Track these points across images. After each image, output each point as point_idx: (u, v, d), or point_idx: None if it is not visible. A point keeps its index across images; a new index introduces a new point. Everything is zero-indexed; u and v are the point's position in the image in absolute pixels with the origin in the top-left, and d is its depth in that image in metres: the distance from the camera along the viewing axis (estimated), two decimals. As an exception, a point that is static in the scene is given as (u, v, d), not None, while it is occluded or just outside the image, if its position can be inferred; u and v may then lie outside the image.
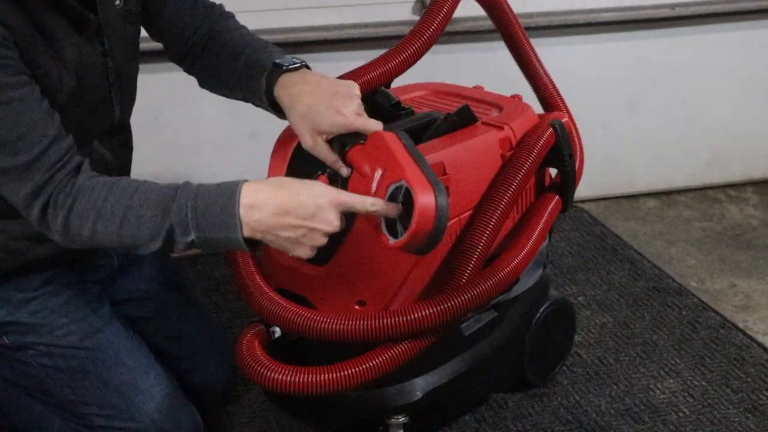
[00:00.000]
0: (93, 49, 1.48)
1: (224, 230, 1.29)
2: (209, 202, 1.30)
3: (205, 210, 1.29)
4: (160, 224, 1.30)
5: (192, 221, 1.29)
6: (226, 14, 1.70)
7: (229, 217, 1.29)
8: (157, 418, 1.61)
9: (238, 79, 1.59)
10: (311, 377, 1.51)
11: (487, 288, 1.57)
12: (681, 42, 2.82)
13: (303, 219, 1.30)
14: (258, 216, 1.29)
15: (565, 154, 1.74)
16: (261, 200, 1.29)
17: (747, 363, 2.09)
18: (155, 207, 1.30)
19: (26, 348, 1.58)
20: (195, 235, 1.30)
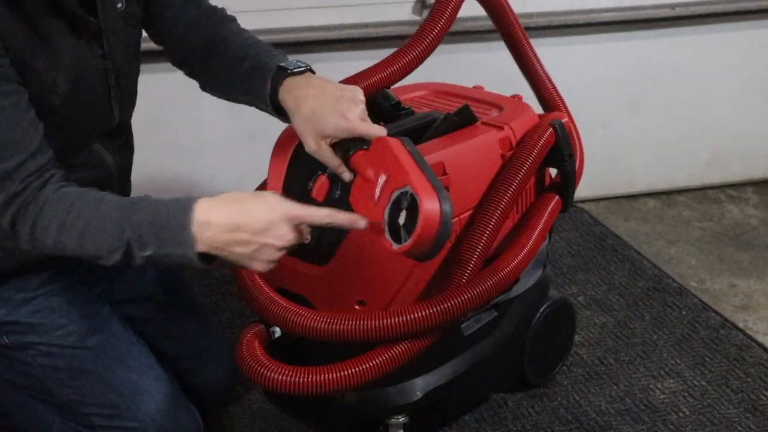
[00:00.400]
0: (92, 52, 1.47)
1: (178, 246, 1.30)
2: (165, 218, 1.31)
3: (160, 226, 1.31)
4: (119, 238, 1.32)
5: (148, 236, 1.31)
6: (228, 18, 1.70)
7: (183, 234, 1.29)
8: (157, 418, 1.61)
9: (242, 82, 1.58)
10: (311, 377, 1.51)
11: (487, 288, 1.57)
12: (681, 42, 2.82)
13: (254, 234, 1.30)
14: (210, 233, 1.30)
15: (565, 154, 1.74)
16: (213, 217, 1.30)
17: (747, 363, 2.09)
18: (115, 221, 1.32)
19: (26, 348, 1.58)
20: (152, 251, 1.31)
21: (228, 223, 1.30)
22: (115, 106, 1.55)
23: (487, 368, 1.80)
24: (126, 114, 1.62)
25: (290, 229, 1.32)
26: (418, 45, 1.73)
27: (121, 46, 1.54)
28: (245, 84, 1.57)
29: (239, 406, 1.97)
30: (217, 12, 1.69)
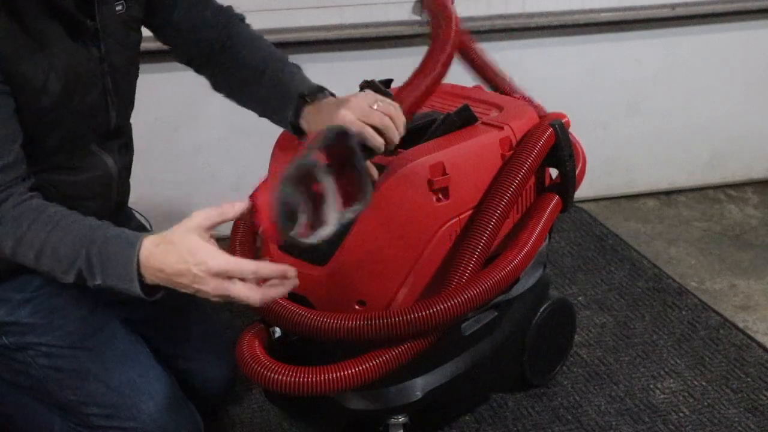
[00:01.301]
0: (88, 55, 1.47)
1: (125, 282, 1.32)
2: (112, 253, 1.33)
3: (109, 259, 1.33)
4: (71, 264, 1.34)
5: (97, 268, 1.33)
6: (237, 17, 1.71)
7: (129, 272, 1.31)
8: (157, 418, 1.61)
9: (261, 99, 1.63)
10: (311, 377, 1.51)
11: (487, 288, 1.57)
12: (681, 42, 2.82)
13: (189, 282, 1.29)
14: (152, 275, 1.31)
15: (565, 154, 1.74)
16: (154, 263, 1.31)
17: (747, 363, 2.09)
18: (69, 247, 1.34)
19: (26, 348, 1.58)
20: (100, 280, 1.34)
21: (167, 271, 1.30)
22: (112, 108, 1.55)
23: (487, 368, 1.80)
24: (123, 116, 1.62)
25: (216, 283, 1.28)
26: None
27: (119, 48, 1.53)
28: (264, 104, 1.63)
29: (239, 406, 1.97)
30: (226, 11, 1.70)
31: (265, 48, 1.68)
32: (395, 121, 1.46)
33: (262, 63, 1.64)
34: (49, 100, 1.41)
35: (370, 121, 1.44)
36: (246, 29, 1.70)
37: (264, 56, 1.65)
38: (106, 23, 1.49)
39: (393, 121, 1.45)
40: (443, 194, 1.60)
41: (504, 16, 2.65)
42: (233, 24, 1.69)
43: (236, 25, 1.69)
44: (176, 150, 2.59)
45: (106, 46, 1.50)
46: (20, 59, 1.36)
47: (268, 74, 1.61)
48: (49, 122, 1.44)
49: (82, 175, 1.55)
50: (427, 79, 1.62)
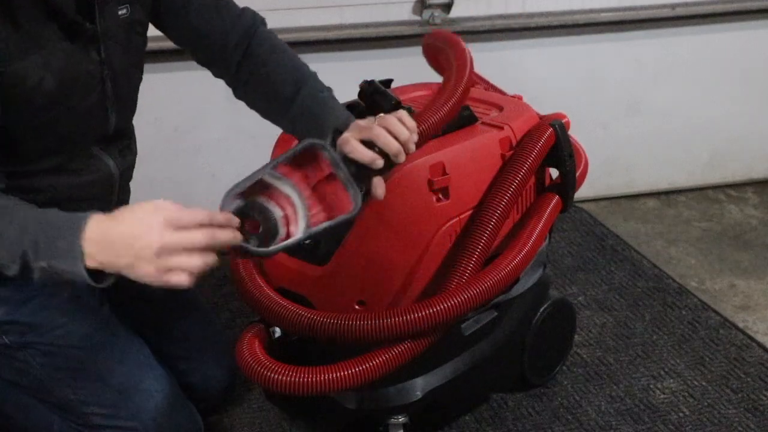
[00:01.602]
0: (87, 57, 1.46)
1: (69, 261, 1.25)
2: (58, 230, 1.27)
3: (54, 236, 1.27)
4: (16, 247, 1.27)
5: (42, 247, 1.26)
6: (258, 21, 1.68)
7: (72, 247, 1.25)
8: (157, 418, 1.61)
9: (289, 120, 1.60)
10: (311, 377, 1.51)
11: (487, 288, 1.57)
12: (681, 42, 2.82)
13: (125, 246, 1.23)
14: (95, 249, 1.25)
15: (565, 154, 1.74)
16: (97, 234, 1.25)
17: (747, 363, 2.09)
18: (16, 230, 1.28)
19: (26, 348, 1.57)
20: (45, 263, 1.26)
21: (108, 232, 1.24)
22: (111, 112, 1.54)
23: (488, 368, 1.80)
24: (124, 120, 1.61)
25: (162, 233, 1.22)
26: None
27: (121, 52, 1.53)
28: (293, 126, 1.60)
29: (239, 406, 1.97)
30: (244, 17, 1.66)
31: (290, 62, 1.64)
32: (398, 136, 1.40)
33: (291, 84, 1.59)
34: (43, 99, 1.41)
35: (361, 136, 1.40)
36: (268, 37, 1.67)
37: (292, 75, 1.61)
38: (108, 26, 1.48)
39: (397, 137, 1.40)
40: (443, 194, 1.60)
41: (504, 16, 2.65)
42: (254, 30, 1.65)
43: (257, 32, 1.66)
44: (176, 150, 2.59)
45: (107, 50, 1.49)
46: (12, 57, 1.36)
47: (298, 101, 1.58)
48: (46, 122, 1.44)
49: (82, 178, 1.54)
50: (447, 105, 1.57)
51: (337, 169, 1.33)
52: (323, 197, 1.34)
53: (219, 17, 1.63)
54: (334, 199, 1.34)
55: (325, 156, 1.34)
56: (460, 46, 1.74)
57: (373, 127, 1.40)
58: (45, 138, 1.47)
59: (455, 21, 2.61)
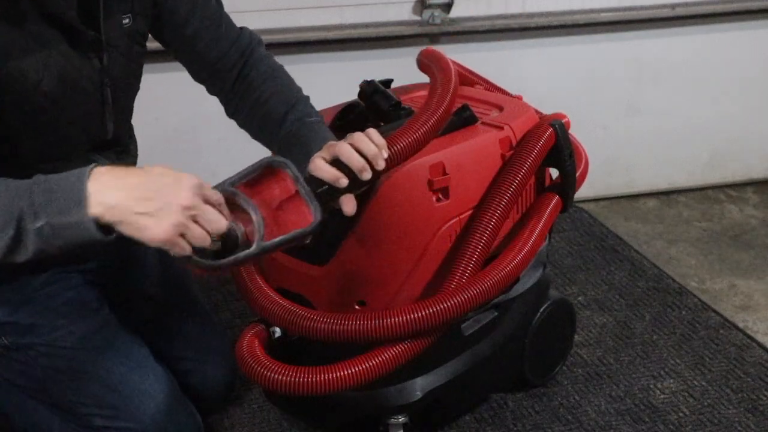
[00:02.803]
0: (88, 65, 1.46)
1: (72, 211, 1.18)
2: (60, 182, 1.21)
3: (55, 189, 1.20)
4: (11, 210, 1.20)
5: (40, 204, 1.19)
6: (255, 41, 1.69)
7: (77, 193, 1.18)
8: (157, 419, 1.61)
9: (278, 143, 1.60)
10: (311, 377, 1.51)
11: (487, 288, 1.57)
12: (681, 42, 2.82)
13: (151, 191, 1.21)
14: (106, 190, 1.19)
15: (565, 154, 1.74)
16: (111, 177, 1.21)
17: (747, 363, 2.09)
18: (7, 195, 1.22)
19: (26, 349, 1.57)
20: (44, 220, 1.19)
21: (127, 182, 1.20)
22: (109, 120, 1.54)
23: (487, 368, 1.80)
24: (120, 128, 1.61)
25: (192, 193, 1.22)
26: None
27: (122, 61, 1.53)
28: (281, 148, 1.59)
29: (239, 406, 1.97)
30: (242, 36, 1.67)
31: (284, 86, 1.65)
32: (365, 153, 1.38)
33: (282, 107, 1.60)
34: (42, 100, 1.41)
35: (327, 153, 1.39)
36: (264, 58, 1.68)
37: (284, 98, 1.62)
38: (111, 35, 1.48)
39: (364, 154, 1.37)
40: (443, 194, 1.60)
41: (504, 16, 2.65)
42: (251, 51, 1.67)
43: (254, 53, 1.67)
44: (176, 150, 2.59)
45: (109, 58, 1.49)
46: (12, 54, 1.36)
47: (287, 124, 1.58)
48: (45, 126, 1.44)
49: None
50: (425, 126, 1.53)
51: (298, 185, 1.33)
52: (288, 214, 1.34)
53: (218, 36, 1.64)
54: (297, 214, 1.33)
55: (288, 173, 1.34)
56: (444, 64, 1.72)
57: (339, 143, 1.39)
58: (43, 143, 1.47)
59: (455, 21, 2.61)
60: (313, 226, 1.31)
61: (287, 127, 1.59)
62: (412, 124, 1.51)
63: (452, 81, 1.62)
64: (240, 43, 1.67)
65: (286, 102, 1.62)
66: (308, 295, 1.65)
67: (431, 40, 2.63)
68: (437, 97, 1.58)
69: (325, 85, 2.52)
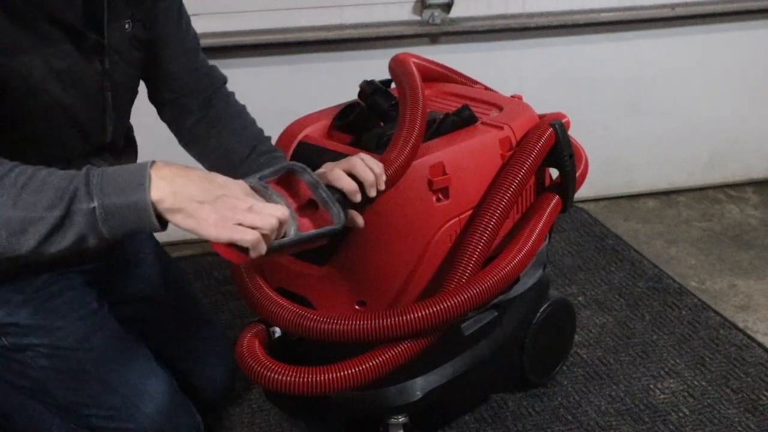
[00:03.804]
0: (90, 66, 1.46)
1: (131, 192, 1.17)
2: (120, 169, 1.21)
3: (113, 174, 1.20)
4: (65, 188, 1.18)
5: (97, 185, 1.18)
6: (221, 79, 1.72)
7: (139, 176, 1.18)
8: (156, 419, 1.61)
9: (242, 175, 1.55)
10: (311, 377, 1.51)
11: (487, 288, 1.57)
12: (681, 42, 2.82)
13: (211, 183, 1.22)
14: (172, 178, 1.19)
15: (565, 154, 1.74)
16: (175, 168, 1.22)
17: (747, 363, 2.09)
18: (62, 175, 1.21)
19: (25, 349, 1.57)
20: (98, 201, 1.17)
21: (187, 172, 1.21)
22: (109, 124, 1.55)
23: (488, 368, 1.80)
24: (119, 131, 1.61)
25: (246, 195, 1.23)
26: None
27: (124, 66, 1.53)
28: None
29: (239, 406, 1.97)
30: (213, 71, 1.71)
31: (249, 124, 1.69)
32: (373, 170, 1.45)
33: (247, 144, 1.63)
34: (46, 99, 1.41)
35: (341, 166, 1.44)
36: (230, 96, 1.72)
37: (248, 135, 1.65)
38: (113, 40, 1.49)
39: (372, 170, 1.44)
40: (443, 194, 1.60)
41: (504, 16, 2.65)
42: (218, 86, 1.70)
43: (221, 89, 1.71)
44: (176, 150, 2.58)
45: (110, 62, 1.49)
46: (18, 50, 1.36)
47: (252, 158, 1.60)
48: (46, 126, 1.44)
49: None
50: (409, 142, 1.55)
51: (317, 190, 1.34)
52: (309, 215, 1.35)
53: (194, 62, 1.67)
54: (317, 216, 1.35)
55: (305, 179, 1.34)
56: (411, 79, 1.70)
57: (351, 158, 1.44)
58: (43, 144, 1.47)
59: (455, 21, 2.61)
60: (341, 224, 1.33)
61: (252, 161, 1.60)
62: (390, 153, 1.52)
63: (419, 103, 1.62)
64: (211, 74, 1.71)
65: (251, 138, 1.64)
66: (308, 295, 1.65)
67: (431, 40, 2.63)
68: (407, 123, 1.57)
69: (325, 85, 2.53)
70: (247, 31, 2.44)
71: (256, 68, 2.50)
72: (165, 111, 1.72)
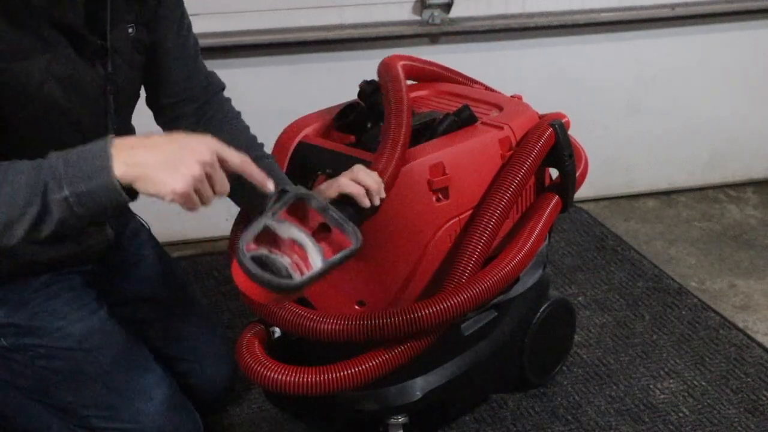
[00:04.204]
0: (92, 70, 1.46)
1: (97, 176, 1.21)
2: (81, 152, 1.24)
3: (77, 159, 1.23)
4: (35, 185, 1.22)
5: (64, 174, 1.22)
6: (219, 85, 1.72)
7: (102, 159, 1.22)
8: (156, 419, 1.61)
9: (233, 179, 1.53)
10: (311, 377, 1.51)
11: (486, 288, 1.57)
12: (681, 42, 2.82)
13: (172, 148, 1.24)
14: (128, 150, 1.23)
15: (565, 154, 1.74)
16: (133, 139, 1.25)
17: (747, 363, 2.09)
18: (29, 172, 1.24)
19: (25, 350, 1.57)
20: (68, 190, 1.21)
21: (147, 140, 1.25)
22: (111, 128, 1.54)
23: (487, 368, 1.80)
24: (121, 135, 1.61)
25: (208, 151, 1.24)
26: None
27: (126, 69, 1.53)
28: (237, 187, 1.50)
29: (239, 406, 1.97)
30: (210, 76, 1.71)
31: (242, 130, 1.68)
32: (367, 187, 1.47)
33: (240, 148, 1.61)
34: (45, 103, 1.41)
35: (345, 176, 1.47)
36: (226, 102, 1.71)
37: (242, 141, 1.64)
38: (116, 44, 1.49)
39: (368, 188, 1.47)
40: (443, 194, 1.60)
41: (504, 16, 2.65)
42: (215, 92, 1.70)
43: (217, 95, 1.70)
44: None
45: (113, 65, 1.49)
46: (17, 54, 1.35)
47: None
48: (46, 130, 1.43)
49: None
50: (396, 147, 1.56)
51: (327, 213, 1.33)
52: (329, 237, 1.35)
53: (193, 67, 1.67)
54: (333, 240, 1.34)
55: (313, 204, 1.34)
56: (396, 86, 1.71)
57: (353, 168, 1.47)
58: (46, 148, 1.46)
59: (455, 21, 2.62)
60: (359, 243, 1.32)
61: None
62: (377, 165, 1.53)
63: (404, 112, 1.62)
64: (209, 80, 1.70)
65: (244, 144, 1.62)
66: (308, 295, 1.65)
67: (431, 40, 2.64)
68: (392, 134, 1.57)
69: (325, 85, 2.53)
70: (247, 31, 2.44)
71: (256, 68, 2.50)
72: (161, 115, 1.71)
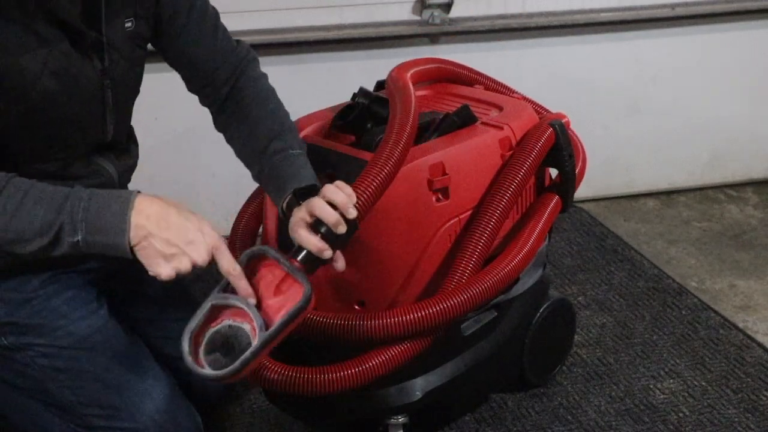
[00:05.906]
0: (89, 64, 1.46)
1: (112, 235, 1.31)
2: (102, 206, 1.32)
3: (97, 210, 1.31)
4: (51, 222, 1.31)
5: (81, 222, 1.31)
6: (250, 58, 1.70)
7: (120, 222, 1.31)
8: (156, 419, 1.61)
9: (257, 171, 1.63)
10: (311, 377, 1.51)
11: (486, 288, 1.57)
12: (681, 42, 2.82)
13: (180, 240, 1.32)
14: (144, 222, 1.31)
15: (565, 154, 1.74)
16: (152, 211, 1.32)
17: (747, 363, 2.09)
18: (48, 206, 1.32)
19: (25, 349, 1.57)
20: (81, 236, 1.31)
21: (163, 219, 1.32)
22: (110, 122, 1.54)
23: (487, 368, 1.80)
24: (120, 130, 1.61)
25: (207, 254, 1.34)
26: None
27: (124, 64, 1.53)
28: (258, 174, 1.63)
29: (239, 406, 1.97)
30: (238, 51, 1.68)
31: (272, 111, 1.66)
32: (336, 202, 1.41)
33: (266, 134, 1.62)
34: (41, 97, 1.41)
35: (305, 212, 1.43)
36: (257, 80, 1.69)
37: (270, 125, 1.63)
38: (113, 38, 1.48)
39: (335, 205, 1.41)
40: (443, 194, 1.60)
41: (504, 16, 2.65)
42: (244, 67, 1.68)
43: (247, 71, 1.68)
44: (176, 150, 2.59)
45: (110, 60, 1.49)
46: (11, 49, 1.35)
47: (268, 153, 1.59)
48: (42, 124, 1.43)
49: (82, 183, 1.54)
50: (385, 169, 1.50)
51: (281, 263, 1.36)
52: (285, 293, 1.36)
53: (213, 48, 1.65)
54: (291, 290, 1.36)
55: (271, 255, 1.36)
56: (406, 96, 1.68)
57: (312, 200, 1.42)
58: (40, 142, 1.46)
59: (455, 21, 2.62)
60: (307, 295, 1.34)
61: (268, 157, 1.59)
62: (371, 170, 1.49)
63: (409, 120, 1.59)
64: (234, 58, 1.68)
65: (271, 130, 1.62)
66: (308, 295, 1.65)
67: (431, 40, 2.64)
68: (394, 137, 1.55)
69: (325, 85, 2.53)
70: (247, 31, 2.43)
71: (256, 68, 2.50)
72: (200, 99, 1.72)
